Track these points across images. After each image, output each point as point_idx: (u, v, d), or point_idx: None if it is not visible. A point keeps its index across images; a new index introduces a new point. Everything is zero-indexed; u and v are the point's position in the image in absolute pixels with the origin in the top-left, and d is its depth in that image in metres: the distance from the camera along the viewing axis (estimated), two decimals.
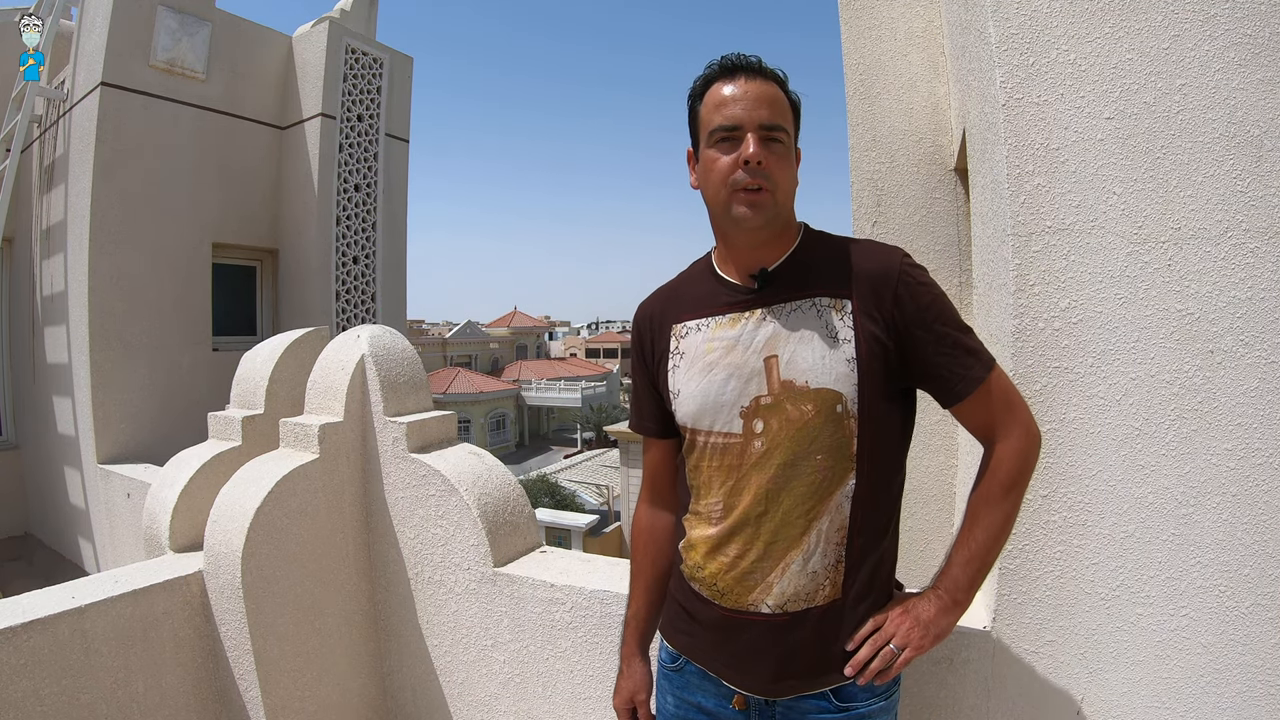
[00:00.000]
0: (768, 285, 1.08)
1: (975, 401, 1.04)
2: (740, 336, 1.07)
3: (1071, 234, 1.21)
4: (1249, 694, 1.16)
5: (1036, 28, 1.22)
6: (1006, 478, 1.04)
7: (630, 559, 1.32)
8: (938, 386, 1.06)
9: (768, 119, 1.02)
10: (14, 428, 5.48)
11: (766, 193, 1.02)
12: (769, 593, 1.04)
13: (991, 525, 1.04)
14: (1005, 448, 1.05)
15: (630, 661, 1.28)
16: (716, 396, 1.07)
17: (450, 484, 1.97)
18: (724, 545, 1.07)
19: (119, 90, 4.20)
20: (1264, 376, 1.13)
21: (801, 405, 1.03)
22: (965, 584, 1.05)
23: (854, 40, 2.18)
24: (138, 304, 4.31)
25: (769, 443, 1.04)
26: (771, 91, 1.04)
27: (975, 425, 1.08)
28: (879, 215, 2.15)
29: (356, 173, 5.37)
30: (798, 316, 1.06)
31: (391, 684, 2.19)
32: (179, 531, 2.19)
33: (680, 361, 1.13)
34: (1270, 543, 1.13)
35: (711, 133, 1.04)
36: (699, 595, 1.11)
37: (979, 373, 1.04)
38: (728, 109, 1.03)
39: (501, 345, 46.57)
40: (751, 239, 1.08)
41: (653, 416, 1.23)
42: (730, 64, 1.06)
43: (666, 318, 1.18)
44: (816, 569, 1.04)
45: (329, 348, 2.26)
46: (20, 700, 1.59)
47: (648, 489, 1.31)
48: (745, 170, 1.01)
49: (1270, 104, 1.11)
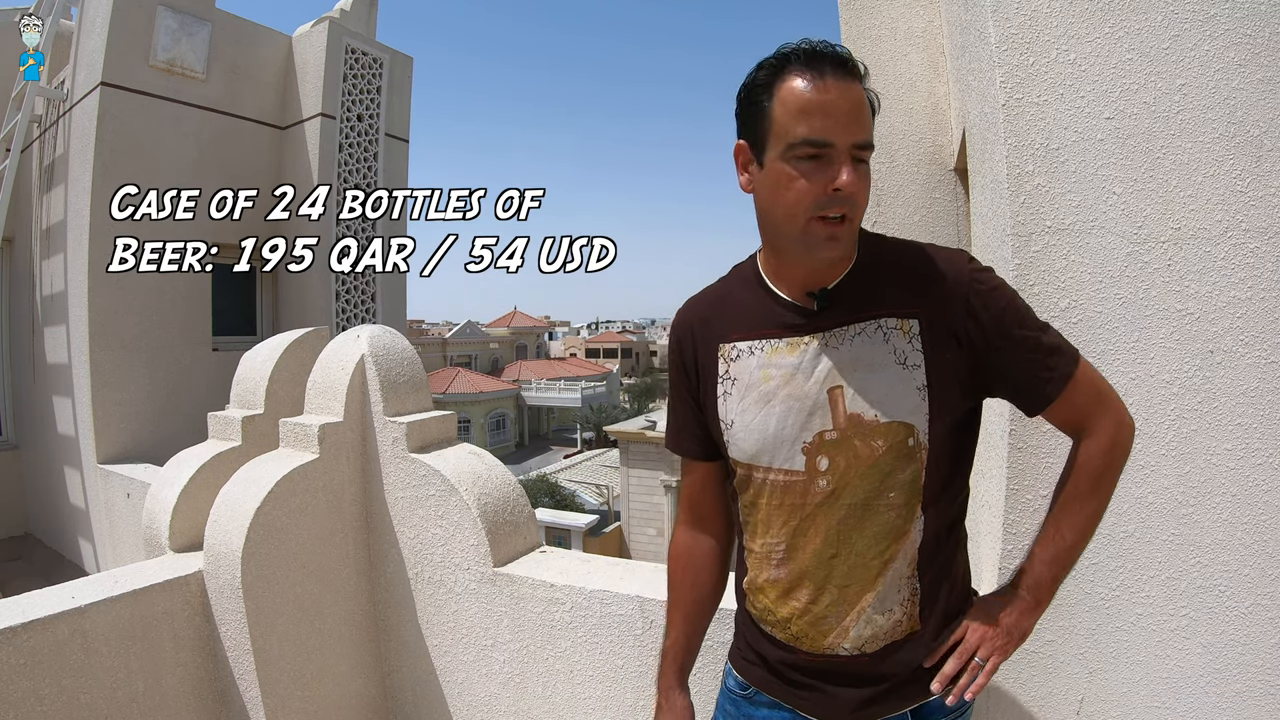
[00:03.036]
0: (828, 305, 0.98)
1: (1063, 400, 0.96)
2: (801, 364, 0.97)
3: (1071, 234, 1.21)
4: (1249, 694, 1.16)
5: (1036, 28, 1.22)
6: (1098, 471, 0.97)
7: (668, 586, 1.21)
8: (1023, 395, 0.98)
9: (862, 137, 0.88)
10: (14, 428, 5.48)
11: (850, 221, 0.91)
12: (845, 636, 0.99)
13: (1078, 523, 0.98)
14: (1095, 442, 0.97)
15: (670, 695, 1.16)
16: (777, 432, 0.98)
17: (450, 484, 1.97)
18: (794, 591, 1.01)
19: (119, 90, 4.21)
20: (1264, 376, 1.13)
21: (872, 441, 0.94)
22: (1049, 583, 0.99)
23: (854, 40, 2.18)
24: (138, 304, 4.32)
25: (836, 482, 0.96)
26: (861, 98, 0.89)
27: (1064, 421, 1.01)
28: (879, 215, 2.15)
29: (356, 173, 5.37)
30: (863, 342, 0.96)
31: (391, 684, 2.19)
32: (179, 531, 2.19)
33: (733, 389, 1.02)
34: (1270, 543, 1.13)
35: (792, 145, 0.88)
36: (772, 639, 1.06)
37: (1066, 368, 0.95)
38: (816, 120, 0.87)
39: (501, 345, 46.59)
40: (822, 263, 0.97)
41: (695, 438, 1.12)
42: (815, 52, 0.88)
43: (712, 333, 1.06)
44: (892, 607, 0.98)
45: (329, 348, 2.26)
46: (20, 700, 1.59)
47: (687, 513, 1.19)
48: (834, 198, 0.88)
49: (1270, 104, 1.11)
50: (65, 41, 4.71)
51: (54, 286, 4.61)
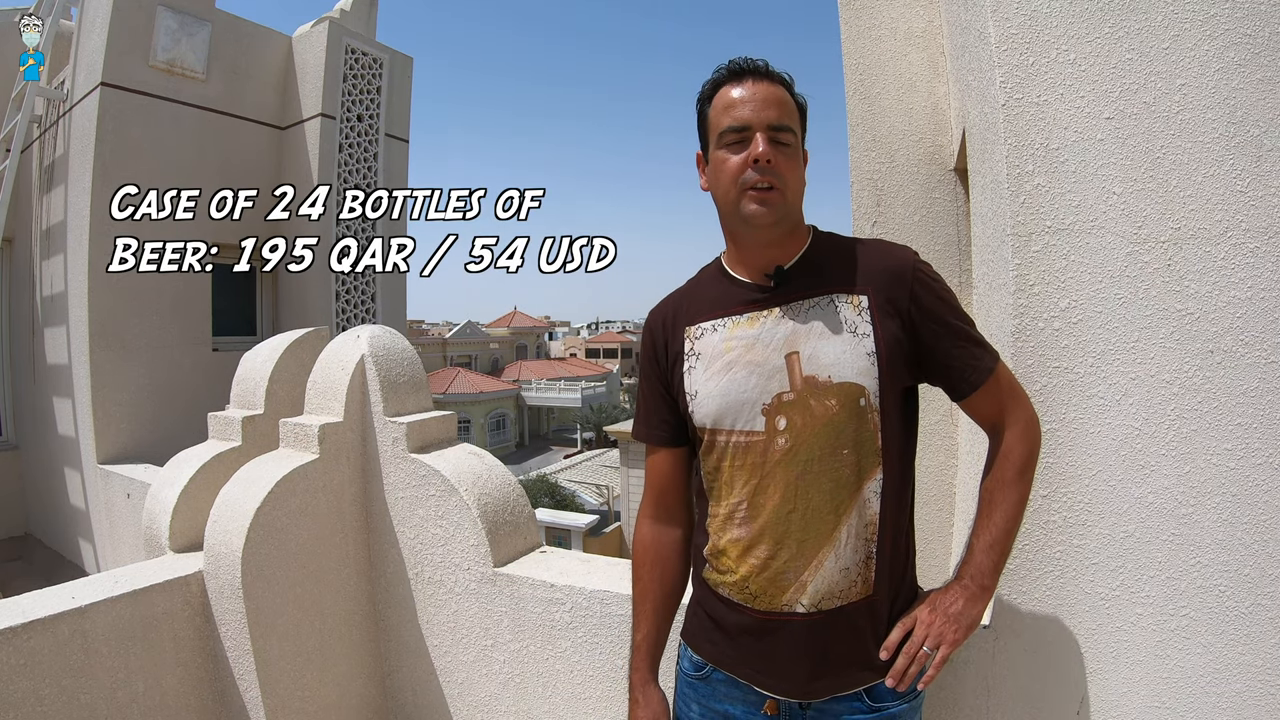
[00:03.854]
0: (784, 283, 1.09)
1: (985, 391, 1.07)
2: (760, 335, 1.07)
3: (1071, 234, 1.21)
4: (1249, 694, 1.16)
5: (1036, 28, 1.22)
6: (1020, 460, 1.07)
7: (634, 580, 1.24)
8: (951, 379, 1.08)
9: (776, 119, 1.04)
10: (14, 428, 5.48)
11: (777, 191, 1.04)
12: (803, 591, 1.04)
13: (1009, 508, 1.06)
14: (1014, 434, 1.08)
15: (645, 689, 1.20)
16: (738, 395, 1.06)
17: (450, 484, 1.97)
18: (754, 548, 1.06)
19: (119, 90, 4.21)
20: (1264, 376, 1.13)
21: (825, 400, 1.03)
22: (990, 569, 1.06)
23: (854, 40, 2.18)
24: (138, 304, 4.32)
25: (793, 439, 1.04)
26: (779, 93, 1.06)
27: (984, 414, 1.11)
28: (879, 215, 2.15)
29: (356, 173, 5.37)
30: (816, 312, 1.06)
31: (391, 684, 2.19)
32: (179, 531, 2.19)
33: (696, 363, 1.12)
34: (1270, 543, 1.13)
35: (721, 134, 1.06)
36: (729, 601, 1.10)
37: (989, 363, 1.07)
38: (736, 110, 1.05)
39: (501, 345, 46.59)
40: (763, 237, 1.08)
41: (663, 423, 1.20)
42: (738, 67, 1.08)
43: (679, 320, 1.17)
44: (848, 565, 1.04)
45: (329, 348, 2.26)
46: (20, 700, 1.59)
47: (652, 503, 1.24)
48: (755, 169, 1.03)
49: (1270, 104, 1.11)
50: (65, 41, 4.72)
51: (54, 287, 4.61)
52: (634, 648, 1.22)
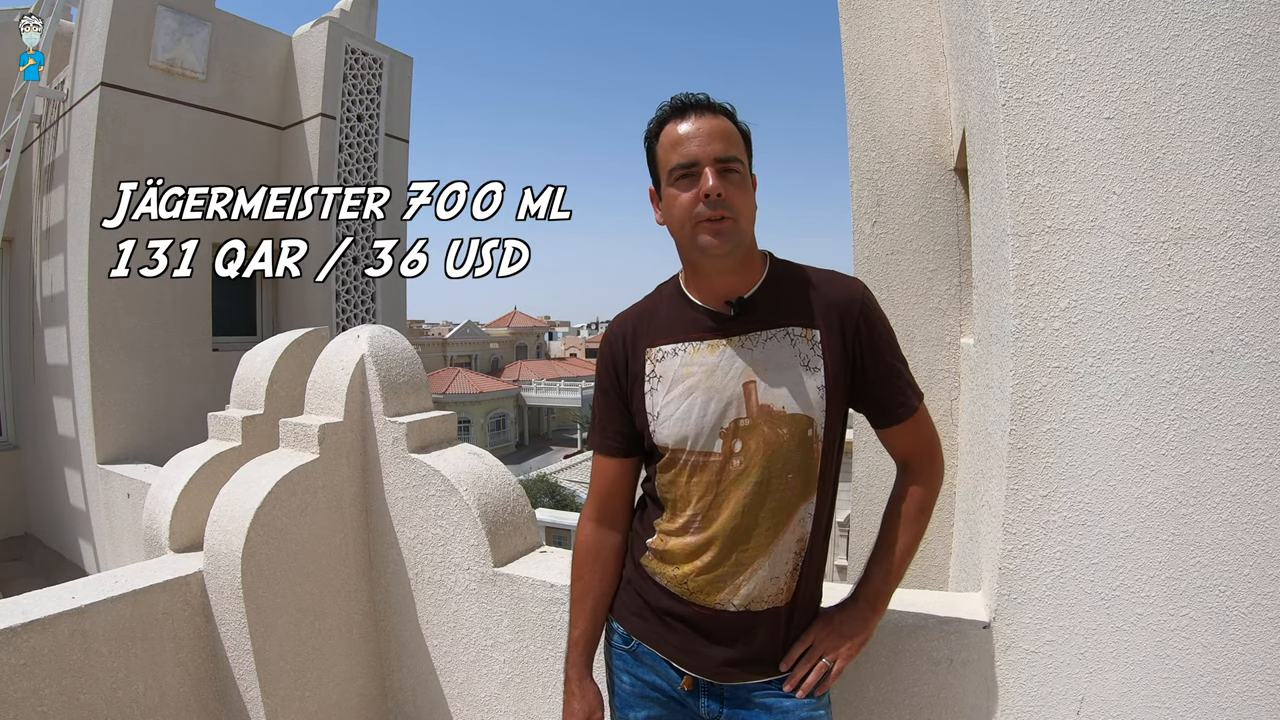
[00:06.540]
0: (743, 313, 1.15)
1: (904, 428, 1.18)
2: (719, 362, 1.14)
3: (1071, 234, 1.21)
4: (1249, 694, 1.16)
5: (1036, 28, 1.22)
6: (921, 501, 1.20)
7: (574, 579, 1.30)
8: (878, 410, 1.18)
9: (722, 152, 1.08)
10: (14, 428, 5.48)
11: (729, 220, 1.08)
12: (736, 594, 1.14)
13: (907, 542, 1.19)
14: (922, 477, 1.21)
15: (582, 684, 1.28)
16: (698, 419, 1.13)
17: (450, 484, 1.97)
18: (702, 553, 1.15)
19: (119, 90, 4.21)
20: (1264, 376, 1.13)
21: (778, 428, 1.11)
22: (886, 594, 1.21)
23: (854, 40, 2.18)
24: (138, 304, 4.32)
25: (746, 461, 1.12)
26: (723, 125, 1.10)
27: (898, 448, 1.22)
28: (879, 215, 2.15)
29: (356, 173, 5.37)
30: (773, 346, 1.13)
31: (391, 684, 2.19)
32: (179, 531, 2.19)
33: (658, 385, 1.18)
34: (1270, 543, 1.13)
35: (670, 171, 1.10)
36: (665, 590, 1.19)
37: (914, 403, 1.18)
38: (683, 147, 1.09)
39: (501, 345, 46.57)
40: (719, 266, 1.13)
41: (618, 435, 1.25)
42: (680, 103, 1.12)
43: (640, 340, 1.22)
44: (778, 574, 1.15)
45: (329, 348, 2.26)
46: (20, 700, 1.59)
47: (596, 507, 1.30)
48: (706, 204, 1.07)
49: (1270, 104, 1.11)
50: (65, 41, 4.72)
51: (54, 287, 4.61)
52: (571, 643, 1.29)
